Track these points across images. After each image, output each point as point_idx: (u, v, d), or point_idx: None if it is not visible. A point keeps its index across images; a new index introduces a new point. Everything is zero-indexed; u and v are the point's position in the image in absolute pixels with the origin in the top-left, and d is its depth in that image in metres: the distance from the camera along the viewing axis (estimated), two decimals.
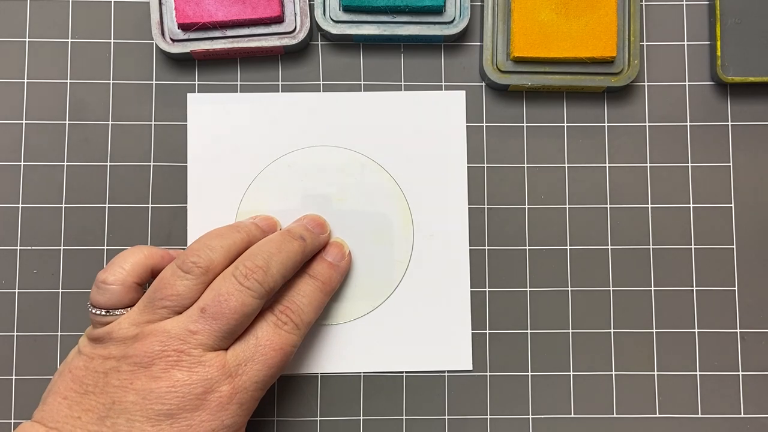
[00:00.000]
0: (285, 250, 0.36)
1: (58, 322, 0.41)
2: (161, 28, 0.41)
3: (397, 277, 0.41)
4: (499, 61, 0.41)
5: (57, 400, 0.34)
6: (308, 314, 0.37)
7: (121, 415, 0.33)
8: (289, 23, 0.41)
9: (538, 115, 0.42)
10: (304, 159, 0.41)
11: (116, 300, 0.35)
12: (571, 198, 0.42)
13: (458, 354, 0.41)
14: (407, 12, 0.40)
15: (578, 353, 0.41)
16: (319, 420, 0.41)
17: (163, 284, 0.35)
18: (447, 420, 0.41)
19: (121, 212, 0.41)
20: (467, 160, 0.42)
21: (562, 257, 0.41)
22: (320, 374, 0.41)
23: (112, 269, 0.36)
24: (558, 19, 0.40)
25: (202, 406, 0.33)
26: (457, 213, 0.41)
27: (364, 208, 0.41)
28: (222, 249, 0.36)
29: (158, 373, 0.33)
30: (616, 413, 0.41)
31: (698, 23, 0.42)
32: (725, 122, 0.42)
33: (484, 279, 0.41)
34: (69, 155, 0.41)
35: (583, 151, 0.42)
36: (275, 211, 0.41)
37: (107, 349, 0.34)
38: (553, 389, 0.41)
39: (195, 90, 0.42)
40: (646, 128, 0.42)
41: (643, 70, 0.42)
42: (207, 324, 0.34)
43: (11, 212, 0.41)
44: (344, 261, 0.40)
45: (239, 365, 0.34)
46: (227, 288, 0.34)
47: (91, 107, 0.42)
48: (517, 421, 0.41)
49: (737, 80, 0.41)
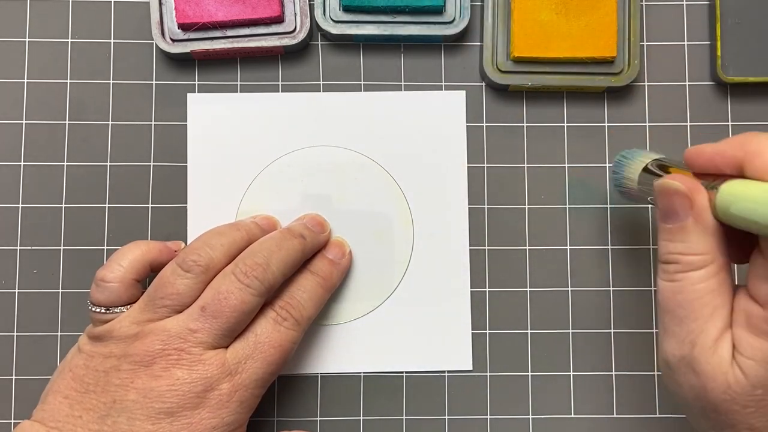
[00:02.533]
0: (285, 247, 0.36)
1: (58, 322, 0.41)
2: (161, 28, 0.41)
3: (397, 277, 0.41)
4: (499, 61, 0.41)
5: (57, 399, 0.34)
6: (308, 309, 0.37)
7: (122, 413, 0.33)
8: (289, 23, 0.41)
9: (538, 115, 0.42)
10: (304, 159, 0.41)
11: (116, 297, 0.35)
12: (571, 198, 0.42)
13: (458, 354, 0.41)
14: (407, 12, 0.40)
15: (578, 353, 0.41)
16: (319, 420, 0.41)
17: (163, 283, 0.35)
18: (447, 420, 0.41)
19: (121, 212, 0.41)
20: (467, 160, 0.42)
21: (562, 257, 0.41)
22: (320, 374, 0.41)
23: (110, 267, 0.36)
24: (558, 19, 0.40)
25: (202, 404, 0.33)
26: (457, 213, 0.41)
27: (364, 208, 0.41)
28: (222, 247, 0.36)
29: (159, 372, 0.33)
30: (616, 413, 0.41)
31: (698, 23, 0.42)
32: (725, 122, 0.42)
33: (484, 279, 0.41)
34: (69, 155, 0.41)
35: (583, 151, 0.42)
36: (275, 211, 0.41)
37: (108, 347, 0.34)
38: (553, 389, 0.41)
39: (195, 90, 0.42)
40: (646, 128, 0.42)
41: (643, 70, 0.42)
42: (207, 322, 0.34)
43: (11, 212, 0.41)
44: (345, 259, 0.40)
45: (239, 363, 0.34)
46: (227, 286, 0.34)
47: (91, 107, 0.42)
48: (517, 421, 0.41)
49: (737, 80, 0.41)
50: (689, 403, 0.31)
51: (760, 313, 0.29)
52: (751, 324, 0.29)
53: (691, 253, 0.30)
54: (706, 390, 0.30)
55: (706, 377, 0.29)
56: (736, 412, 0.29)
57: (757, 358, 0.29)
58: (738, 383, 0.29)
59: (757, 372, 0.29)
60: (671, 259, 0.31)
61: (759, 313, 0.29)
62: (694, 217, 0.30)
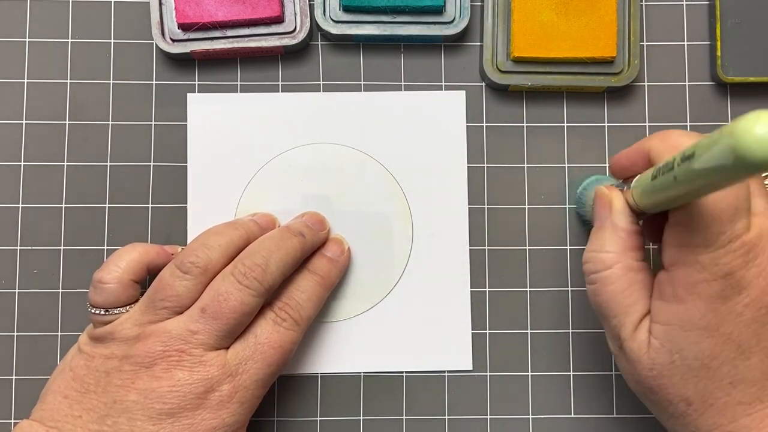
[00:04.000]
0: (284, 247, 0.36)
1: (58, 322, 0.41)
2: (161, 28, 0.41)
3: (396, 276, 0.41)
4: (499, 61, 0.41)
5: (57, 399, 0.34)
6: (307, 309, 0.37)
7: (123, 414, 0.33)
8: (289, 23, 0.41)
9: (538, 115, 0.42)
10: (303, 157, 0.41)
11: (114, 299, 0.35)
12: (570, 198, 0.42)
13: (458, 354, 0.41)
14: (407, 12, 0.40)
15: (578, 353, 0.41)
16: (319, 420, 0.41)
17: (162, 285, 0.35)
18: (447, 420, 0.41)
19: (121, 212, 0.41)
20: (467, 160, 0.42)
21: (562, 257, 0.41)
22: (320, 374, 0.41)
23: (107, 268, 0.36)
24: (558, 19, 0.40)
25: (203, 405, 0.33)
26: (457, 213, 0.41)
27: (364, 207, 0.41)
28: (220, 247, 0.36)
29: (160, 373, 0.33)
30: (616, 413, 0.41)
31: (698, 23, 0.42)
32: (725, 122, 0.42)
33: (484, 279, 0.41)
34: (69, 155, 0.41)
35: (583, 151, 0.42)
36: (275, 210, 0.41)
37: (109, 348, 0.34)
38: (553, 389, 0.41)
39: (195, 90, 0.42)
40: (646, 128, 0.42)
41: (643, 70, 0.42)
42: (207, 324, 0.34)
43: (11, 212, 0.41)
44: (343, 256, 0.40)
45: (239, 364, 0.34)
46: (226, 287, 0.34)
47: (91, 107, 0.42)
48: (517, 421, 0.41)
49: (737, 80, 0.41)
50: (636, 390, 0.34)
51: (665, 277, 0.31)
52: (660, 291, 0.31)
53: (602, 250, 0.33)
54: (638, 373, 0.32)
55: (634, 361, 0.32)
56: (666, 386, 0.31)
57: (667, 321, 0.30)
58: (658, 355, 0.31)
59: (668, 336, 0.30)
60: (587, 258, 0.34)
61: (665, 278, 0.31)
62: (608, 217, 0.33)
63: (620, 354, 0.33)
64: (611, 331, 0.33)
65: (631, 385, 0.34)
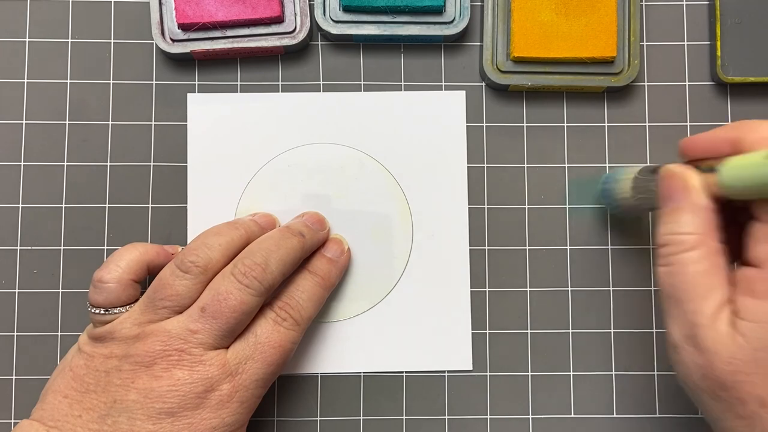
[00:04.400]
0: (284, 246, 0.36)
1: (58, 322, 0.41)
2: (161, 28, 0.41)
3: (395, 276, 0.41)
4: (499, 61, 0.41)
5: (57, 399, 0.34)
6: (307, 310, 0.37)
7: (123, 413, 0.33)
8: (289, 23, 0.41)
9: (538, 115, 0.42)
10: (304, 157, 0.41)
11: (114, 298, 0.35)
12: (571, 198, 0.42)
13: (458, 354, 0.41)
14: (407, 12, 0.40)
15: (578, 353, 0.41)
16: (319, 420, 0.41)
17: (162, 284, 0.35)
18: (447, 420, 0.41)
19: (121, 212, 0.41)
20: (467, 160, 0.42)
21: (562, 257, 0.41)
22: (320, 374, 0.41)
23: (107, 268, 0.36)
24: (558, 19, 0.40)
25: (202, 405, 0.33)
26: (457, 213, 0.41)
27: (364, 207, 0.41)
28: (220, 247, 0.36)
29: (159, 373, 0.33)
30: (616, 413, 0.41)
31: (698, 23, 0.42)
32: (725, 122, 0.42)
33: (484, 279, 0.41)
34: (69, 155, 0.41)
35: (583, 151, 0.42)
36: (275, 210, 0.41)
37: (109, 348, 0.34)
38: (553, 389, 0.41)
39: (195, 90, 0.42)
40: (646, 128, 0.42)
41: (643, 70, 0.42)
42: (207, 323, 0.34)
43: (11, 212, 0.41)
44: (343, 256, 0.40)
45: (239, 363, 0.34)
46: (226, 287, 0.34)
47: (91, 107, 0.42)
48: (517, 421, 0.41)
49: (737, 80, 0.41)
50: (699, 385, 0.31)
51: (757, 274, 0.30)
52: (751, 288, 0.30)
53: (682, 232, 0.31)
54: (712, 365, 0.30)
55: (709, 352, 0.30)
56: (743, 383, 0.29)
57: (758, 319, 0.29)
58: (740, 349, 0.29)
59: (758, 333, 0.29)
60: (664, 240, 0.32)
61: (757, 274, 0.30)
62: (686, 197, 0.31)
63: (689, 342, 0.31)
64: (683, 316, 0.31)
65: (692, 378, 0.31)
